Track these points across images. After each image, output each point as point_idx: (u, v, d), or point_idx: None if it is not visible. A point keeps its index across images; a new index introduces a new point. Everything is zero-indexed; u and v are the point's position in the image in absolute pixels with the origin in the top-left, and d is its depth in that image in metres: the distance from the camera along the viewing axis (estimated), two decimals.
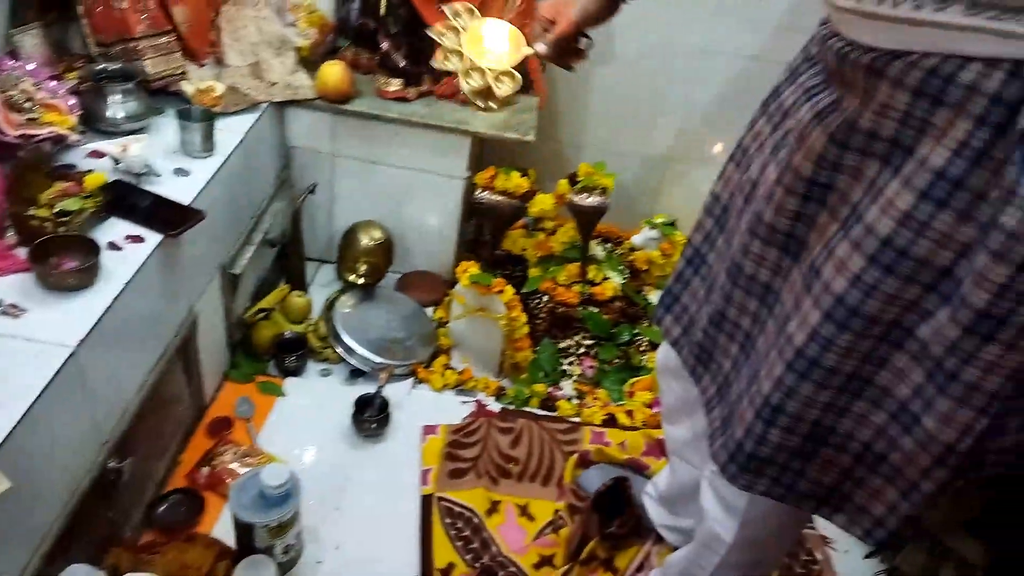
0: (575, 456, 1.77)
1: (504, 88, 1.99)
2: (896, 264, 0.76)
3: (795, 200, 0.87)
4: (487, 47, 1.75)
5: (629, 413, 1.94)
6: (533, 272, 2.17)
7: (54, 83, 1.49)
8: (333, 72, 1.92)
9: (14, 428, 1.01)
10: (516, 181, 2.02)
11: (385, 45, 1.99)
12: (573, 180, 2.06)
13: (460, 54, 1.94)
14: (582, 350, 2.11)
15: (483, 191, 2.04)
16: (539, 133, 2.03)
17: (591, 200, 2.02)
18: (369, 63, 2.05)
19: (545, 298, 2.11)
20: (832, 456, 0.91)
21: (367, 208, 2.12)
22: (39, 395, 1.06)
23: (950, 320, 0.74)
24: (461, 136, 1.98)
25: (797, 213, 0.88)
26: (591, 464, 1.77)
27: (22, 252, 1.25)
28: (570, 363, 2.08)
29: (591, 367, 2.08)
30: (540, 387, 1.98)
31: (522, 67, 2.11)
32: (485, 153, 2.19)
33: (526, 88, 2.13)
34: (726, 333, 1.03)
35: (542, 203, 2.05)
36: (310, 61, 1.99)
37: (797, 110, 0.90)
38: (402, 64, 2.00)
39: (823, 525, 1.71)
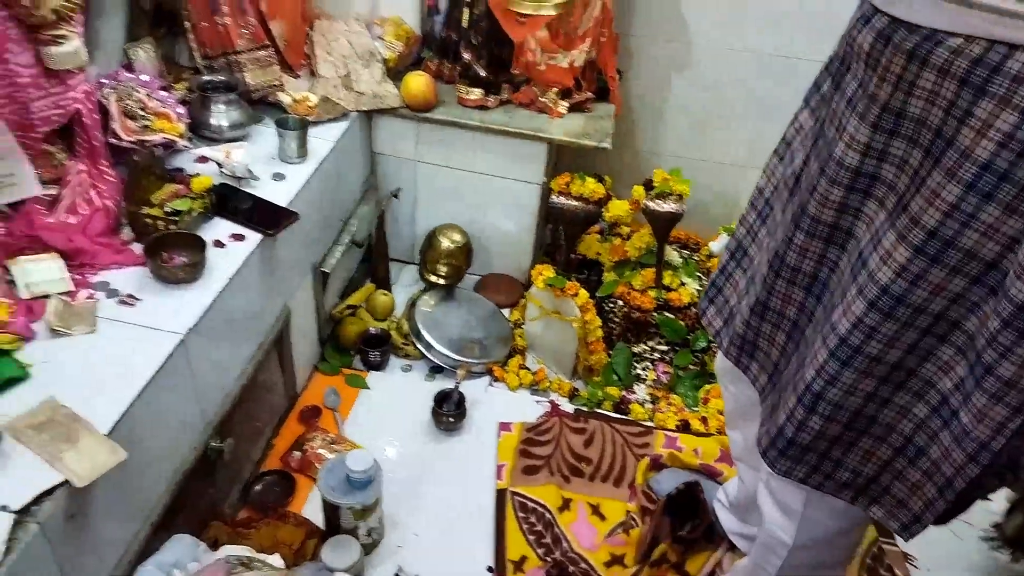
0: (647, 459, 1.78)
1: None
2: (942, 255, 0.76)
3: (840, 191, 0.87)
4: None
5: (703, 420, 1.93)
6: (608, 277, 2.20)
7: (164, 93, 1.63)
8: (417, 82, 2.00)
9: (130, 406, 1.12)
10: (591, 187, 2.06)
11: (467, 56, 2.06)
12: (649, 186, 2.07)
13: None
14: (657, 355, 2.12)
15: (559, 196, 2.08)
16: (616, 140, 2.06)
17: (666, 206, 2.03)
18: (451, 73, 2.13)
19: (620, 303, 2.13)
20: (872, 447, 0.91)
21: (448, 212, 2.20)
22: (152, 377, 1.16)
23: (993, 312, 0.74)
24: (538, 143, 2.03)
25: (842, 204, 0.88)
26: (663, 468, 1.77)
27: (137, 248, 1.37)
28: (644, 368, 2.10)
29: (666, 372, 2.08)
30: (614, 390, 2.00)
31: (600, 75, 2.16)
32: (562, 159, 2.23)
33: (603, 96, 2.17)
34: (770, 323, 1.03)
35: (617, 208, 2.07)
36: (396, 72, 2.08)
37: (832, 100, 0.90)
38: (483, 74, 2.07)
39: (903, 542, 1.66)
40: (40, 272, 1.25)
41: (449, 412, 1.82)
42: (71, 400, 1.09)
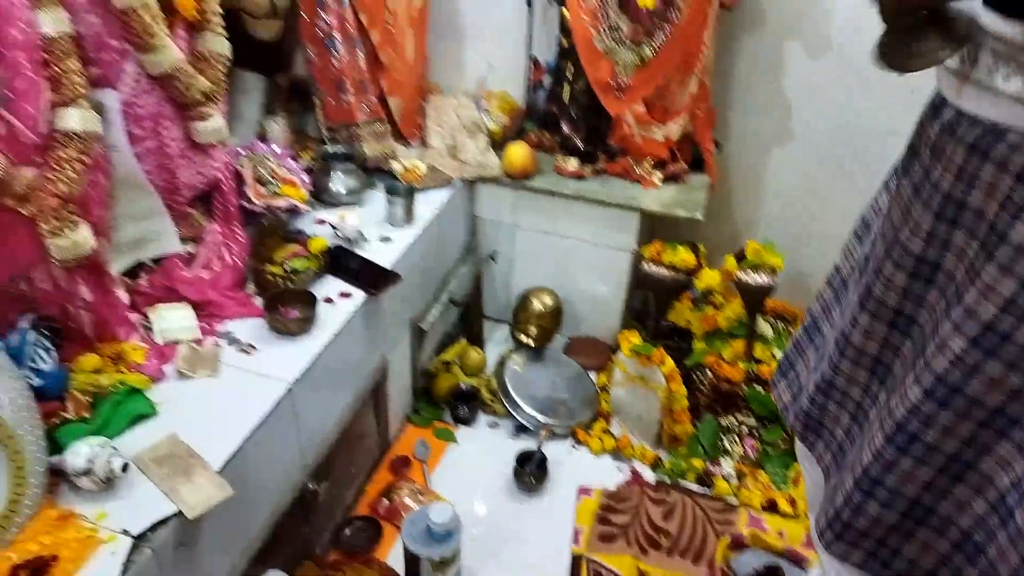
0: (728, 537, 1.75)
1: None
2: (998, 349, 0.76)
3: (903, 276, 0.88)
4: None
5: (791, 501, 1.88)
6: (698, 346, 2.20)
7: (292, 162, 1.81)
8: (518, 152, 2.12)
9: (241, 446, 1.23)
10: (682, 255, 2.09)
11: (566, 128, 2.17)
12: (741, 257, 2.08)
13: None
14: (745, 429, 2.09)
15: (650, 263, 2.12)
16: (712, 210, 2.09)
17: (758, 278, 2.02)
18: (551, 144, 2.24)
19: (709, 373, 2.12)
20: (930, 538, 0.89)
21: (542, 275, 2.28)
22: (262, 420, 1.28)
23: None
24: (631, 212, 2.09)
25: (906, 289, 0.88)
26: (745, 548, 1.74)
27: (258, 301, 1.52)
28: (731, 442, 2.07)
29: (753, 448, 2.04)
30: (698, 462, 1.98)
31: (695, 147, 2.20)
32: (659, 227, 2.27)
33: (699, 167, 2.21)
34: (835, 401, 1.03)
35: (708, 278, 2.08)
36: (499, 141, 2.21)
37: (901, 184, 0.91)
38: (580, 145, 2.16)
39: None
40: (174, 320, 1.42)
41: (531, 472, 1.87)
42: (190, 437, 1.22)
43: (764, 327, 2.20)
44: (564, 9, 2.03)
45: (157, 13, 1.30)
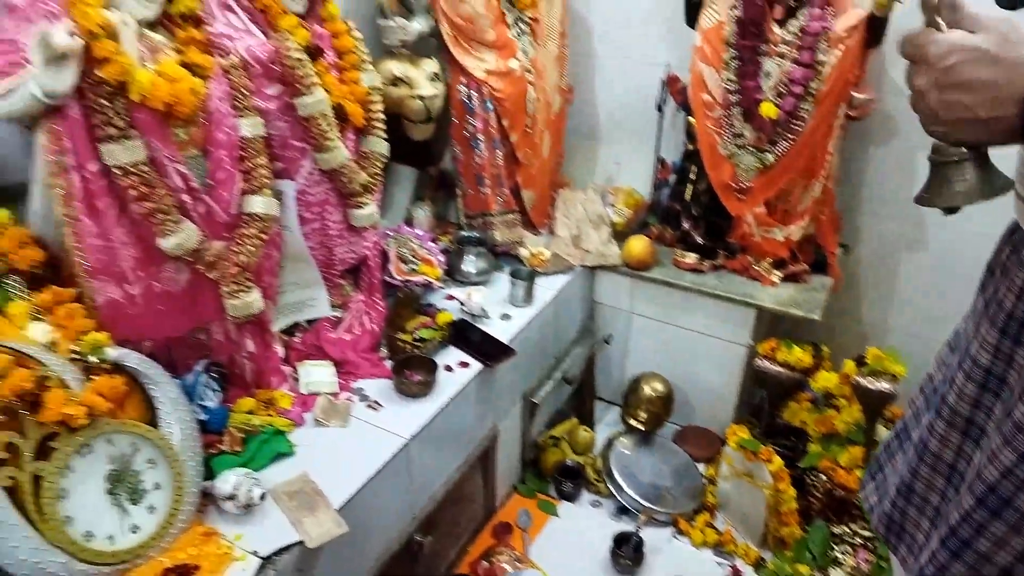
0: None
1: None
2: None
3: (973, 387, 0.90)
4: None
5: None
6: (813, 448, 2.15)
7: (432, 244, 2.04)
8: (639, 244, 2.24)
9: (359, 490, 1.41)
10: (797, 355, 2.09)
11: (687, 224, 2.27)
12: (861, 362, 2.05)
13: None
14: (858, 540, 2.01)
15: (764, 360, 2.14)
16: (836, 311, 2.09)
17: (878, 385, 1.98)
18: (672, 238, 2.35)
19: (823, 478, 2.07)
20: None
21: (655, 361, 2.35)
22: (379, 470, 1.45)
23: None
24: (747, 307, 2.13)
25: (976, 400, 0.90)
26: None
27: (388, 364, 1.73)
28: (843, 552, 1.99)
29: (867, 561, 1.96)
30: (804, 568, 1.92)
31: (819, 249, 2.22)
32: (781, 324, 2.29)
33: (822, 268, 2.22)
34: (915, 506, 1.03)
35: (825, 380, 2.07)
36: (622, 233, 2.35)
37: (977, 300, 0.94)
38: (700, 241, 2.25)
39: None
40: (318, 375, 1.64)
41: (627, 555, 1.90)
42: (318, 477, 1.41)
43: (883, 434, 2.13)
44: (691, 117, 2.17)
45: (332, 120, 1.58)
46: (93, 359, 1.19)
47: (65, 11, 1.14)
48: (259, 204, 1.44)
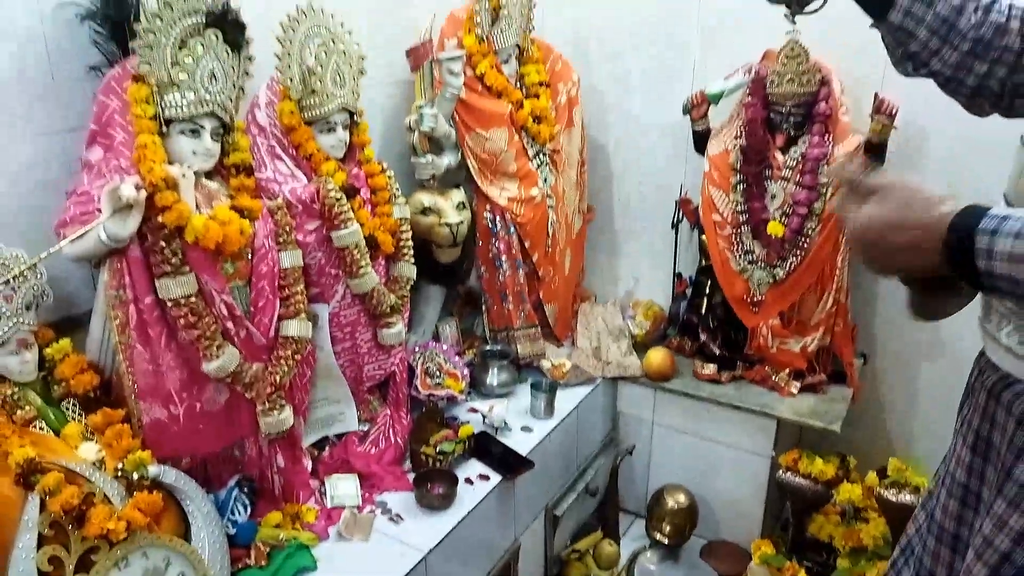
0: None
1: None
2: None
3: (955, 503, 0.94)
4: None
5: None
6: (842, 563, 2.12)
7: (457, 358, 2.14)
8: (658, 356, 2.31)
9: None
10: (820, 466, 2.09)
11: (704, 336, 2.34)
12: (883, 474, 2.04)
13: None
14: None
15: (786, 472, 2.14)
16: (858, 421, 2.10)
17: (901, 497, 1.97)
18: (690, 349, 2.41)
19: None
20: None
21: (679, 473, 2.36)
22: None
23: None
24: (767, 419, 2.16)
25: (959, 516, 0.94)
26: None
27: (410, 476, 1.79)
28: None
29: None
30: None
31: (836, 360, 2.26)
32: (806, 434, 2.29)
33: (841, 378, 2.25)
34: None
35: (849, 492, 2.06)
36: (642, 344, 2.43)
37: (956, 420, 0.99)
38: (717, 352, 2.32)
39: None
40: (343, 488, 1.72)
41: None
42: None
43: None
44: (703, 236, 2.29)
45: (365, 249, 1.73)
46: (135, 476, 1.29)
47: (134, 167, 1.32)
48: (295, 328, 1.57)
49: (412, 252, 1.89)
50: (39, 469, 1.21)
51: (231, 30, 1.38)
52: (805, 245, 2.12)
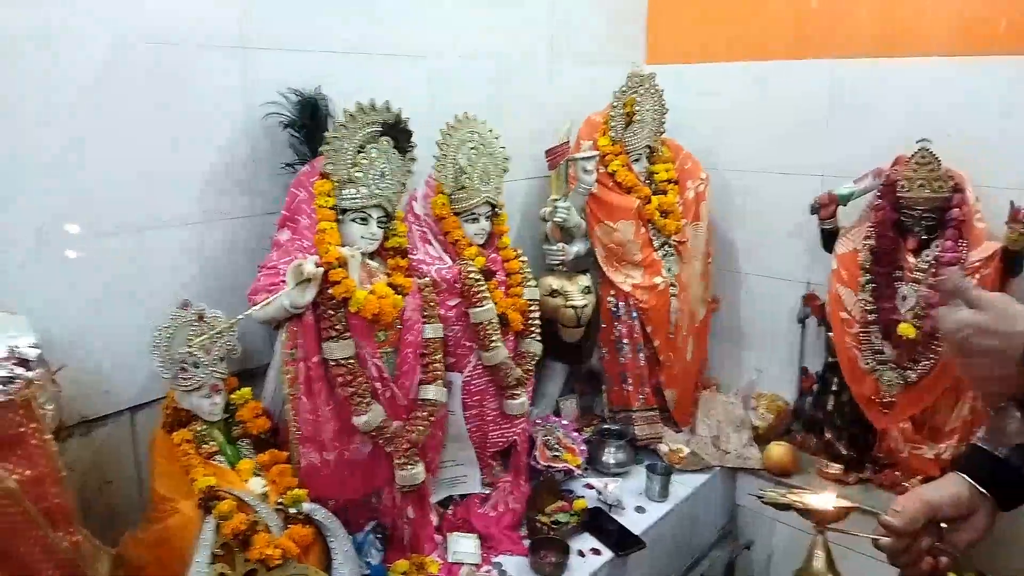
0: None
1: None
2: None
3: None
4: None
5: None
6: None
7: (576, 434, 2.25)
8: (779, 450, 2.30)
9: None
10: None
11: (829, 434, 2.31)
12: None
13: None
14: None
15: None
16: (1002, 537, 1.98)
17: None
18: (815, 447, 2.37)
19: None
20: None
21: None
22: None
23: None
24: None
25: None
26: None
27: (526, 543, 1.90)
28: None
29: None
30: None
31: None
32: None
33: None
34: None
35: None
36: (763, 437, 2.42)
37: None
38: (844, 452, 2.27)
39: None
40: (464, 545, 1.85)
41: None
42: None
43: None
44: (830, 333, 2.30)
45: (497, 325, 1.91)
46: (292, 510, 1.50)
47: (314, 247, 1.59)
48: (432, 392, 1.76)
49: (539, 330, 2.05)
50: (216, 496, 1.44)
51: (401, 138, 1.65)
52: (939, 349, 2.07)
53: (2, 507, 1.26)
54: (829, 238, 2.31)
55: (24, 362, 1.27)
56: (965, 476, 0.94)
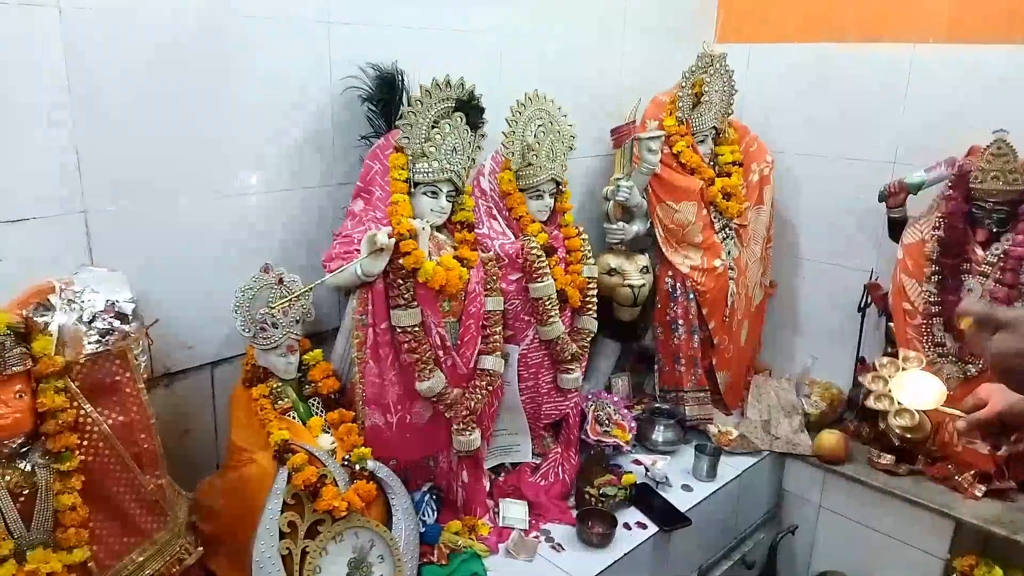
0: None
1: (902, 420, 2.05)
2: None
3: None
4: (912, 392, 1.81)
5: None
6: None
7: (626, 411, 2.29)
8: (831, 438, 2.30)
9: None
10: None
11: (883, 424, 2.29)
12: None
13: (889, 397, 2.06)
14: None
15: None
16: None
17: None
18: (868, 436, 2.37)
19: None
20: None
21: (841, 560, 2.32)
22: None
23: None
24: (944, 519, 2.08)
25: None
26: None
27: (573, 512, 1.96)
28: None
29: None
30: None
31: None
32: (990, 543, 2.15)
33: None
34: None
35: None
36: (815, 424, 2.42)
37: None
38: (897, 443, 2.26)
39: None
40: (514, 511, 1.92)
41: None
42: None
43: None
44: (891, 323, 2.27)
45: (555, 301, 1.95)
46: (357, 467, 1.59)
47: (388, 218, 1.65)
48: (491, 362, 1.82)
49: (596, 308, 2.09)
50: (290, 449, 1.53)
51: (473, 114, 1.69)
52: None
53: (97, 449, 1.37)
54: (896, 227, 2.28)
55: (122, 316, 1.37)
56: None
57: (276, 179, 1.72)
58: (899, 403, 2.01)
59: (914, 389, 1.72)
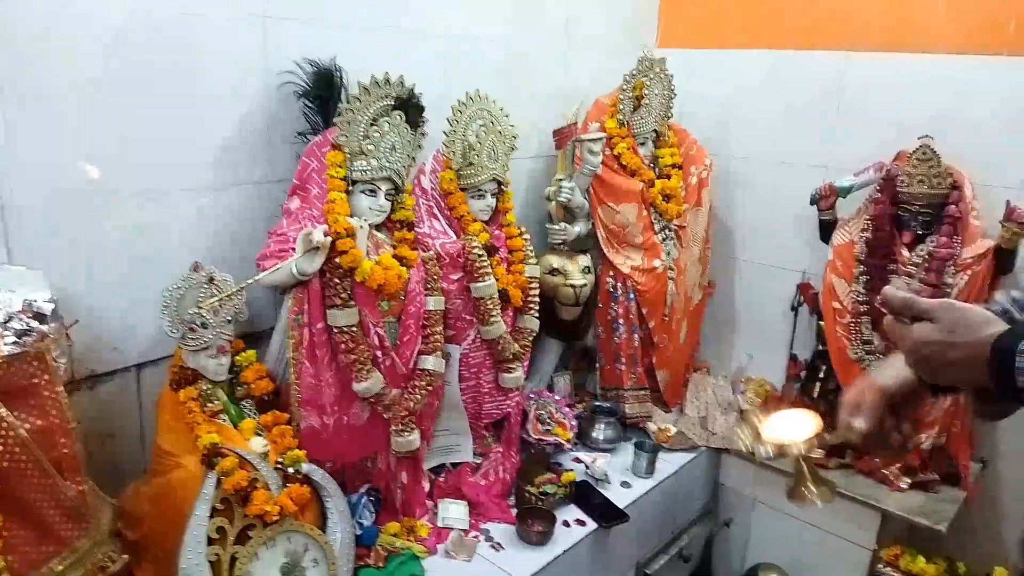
0: None
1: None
2: None
3: None
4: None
5: None
6: None
7: (568, 409, 2.31)
8: None
9: None
10: (921, 565, 2.06)
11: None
12: None
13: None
14: None
15: (886, 566, 2.12)
16: (972, 526, 2.06)
17: None
18: None
19: None
20: None
21: (775, 552, 2.38)
22: None
23: None
24: (871, 510, 2.16)
25: None
26: None
27: (513, 511, 1.96)
28: None
29: None
30: None
31: (951, 461, 2.22)
32: (914, 534, 2.23)
33: (954, 480, 2.21)
34: None
35: None
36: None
37: None
38: (827, 438, 2.33)
39: None
40: (454, 511, 1.91)
41: None
42: None
43: None
44: (821, 322, 2.35)
45: (497, 301, 1.95)
46: (291, 470, 1.55)
47: (324, 216, 1.62)
48: (431, 363, 1.81)
49: (538, 307, 2.10)
50: (219, 453, 1.49)
51: (413, 112, 1.67)
52: None
53: (14, 455, 1.31)
54: (827, 229, 2.35)
55: (40, 316, 1.31)
56: None
57: (209, 175, 1.67)
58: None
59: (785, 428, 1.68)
